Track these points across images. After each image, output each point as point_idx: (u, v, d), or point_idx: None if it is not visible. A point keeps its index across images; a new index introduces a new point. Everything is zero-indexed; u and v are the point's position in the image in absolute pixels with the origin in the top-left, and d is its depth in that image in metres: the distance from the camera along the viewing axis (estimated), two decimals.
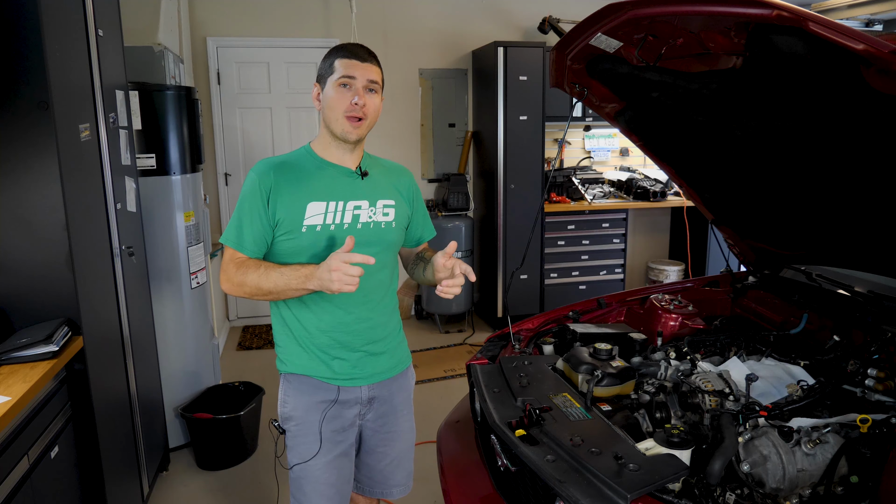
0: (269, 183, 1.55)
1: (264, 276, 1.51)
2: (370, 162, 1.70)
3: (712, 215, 2.45)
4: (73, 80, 2.07)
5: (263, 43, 4.92)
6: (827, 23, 1.22)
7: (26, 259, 1.91)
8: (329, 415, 1.65)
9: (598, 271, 5.18)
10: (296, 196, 1.56)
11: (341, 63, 1.55)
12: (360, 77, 1.54)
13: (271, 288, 1.51)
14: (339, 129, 1.56)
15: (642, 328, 2.18)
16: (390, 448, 1.80)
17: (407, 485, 1.87)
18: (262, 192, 1.55)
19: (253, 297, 1.55)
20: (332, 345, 1.64)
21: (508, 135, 4.71)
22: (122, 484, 2.29)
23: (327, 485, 1.66)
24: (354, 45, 1.59)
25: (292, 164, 1.61)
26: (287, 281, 1.49)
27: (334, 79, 1.55)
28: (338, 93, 1.54)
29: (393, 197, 1.68)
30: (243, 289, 1.54)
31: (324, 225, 1.57)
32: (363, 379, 1.68)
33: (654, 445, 1.32)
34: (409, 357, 1.83)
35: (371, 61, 1.57)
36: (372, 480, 1.83)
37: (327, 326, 1.63)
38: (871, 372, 1.58)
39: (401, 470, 1.84)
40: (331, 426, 1.66)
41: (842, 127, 1.60)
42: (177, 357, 3.13)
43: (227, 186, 5.06)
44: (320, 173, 1.61)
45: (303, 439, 1.66)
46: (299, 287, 1.48)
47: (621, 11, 1.59)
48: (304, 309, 1.63)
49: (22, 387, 1.62)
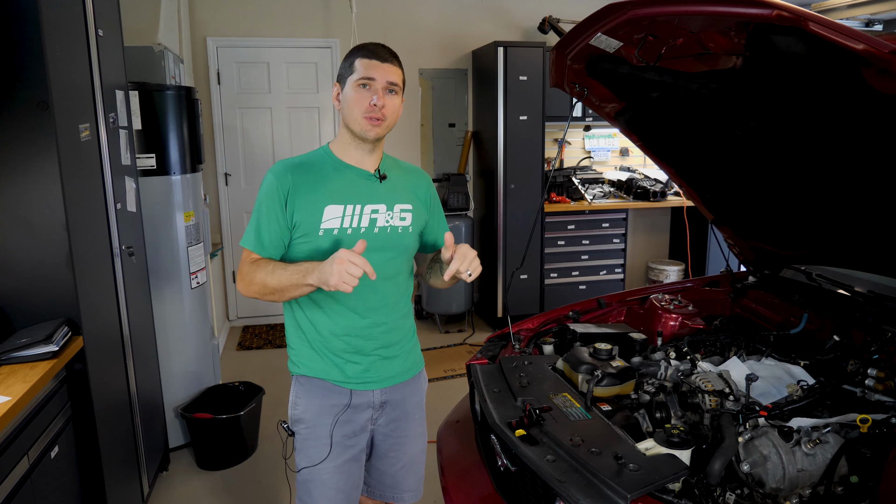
0: (287, 185, 1.53)
1: (270, 273, 1.50)
2: (389, 164, 1.68)
3: (712, 215, 2.45)
4: (73, 80, 2.07)
5: (263, 43, 4.92)
6: (827, 23, 1.21)
7: (26, 259, 1.91)
8: (341, 419, 1.63)
9: (598, 271, 5.18)
10: (313, 198, 1.54)
11: (361, 63, 1.53)
12: (380, 78, 1.52)
13: (275, 285, 1.49)
14: (358, 127, 1.54)
15: (642, 328, 2.18)
16: (402, 453, 1.77)
17: (418, 490, 1.84)
18: (279, 194, 1.53)
19: (262, 296, 1.53)
20: (346, 349, 1.61)
21: (508, 135, 4.71)
22: (122, 484, 2.29)
23: (335, 489, 1.64)
24: (376, 44, 1.56)
25: (310, 166, 1.58)
26: (289, 277, 1.47)
27: (354, 79, 1.53)
28: (357, 93, 1.52)
29: (410, 201, 1.66)
30: (252, 287, 1.53)
31: (341, 228, 1.55)
32: (376, 383, 1.65)
33: (654, 445, 1.32)
34: (422, 361, 1.81)
35: (392, 62, 1.55)
36: (382, 485, 1.80)
37: (341, 330, 1.60)
38: (871, 372, 1.58)
39: (412, 475, 1.81)
40: (342, 430, 1.63)
41: (842, 127, 1.60)
42: (177, 357, 3.13)
43: (227, 186, 5.06)
44: (338, 176, 1.58)
45: (313, 443, 1.63)
46: (299, 282, 1.46)
47: (621, 11, 1.59)
48: (318, 312, 1.60)
49: (22, 387, 1.62)
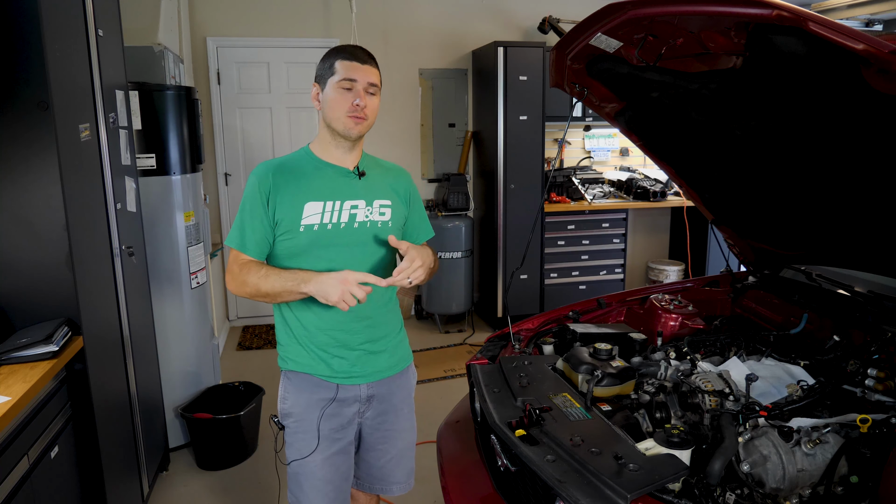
0: (269, 185, 1.59)
1: (264, 278, 1.56)
2: (369, 162, 1.73)
3: (712, 215, 2.45)
4: (73, 80, 2.07)
5: (263, 43, 4.92)
6: (827, 23, 1.22)
7: (26, 259, 1.91)
8: (327, 412, 1.67)
9: (598, 271, 5.18)
10: (294, 196, 1.60)
11: (342, 65, 1.58)
12: (361, 79, 1.58)
13: (269, 290, 1.56)
14: (341, 126, 1.60)
15: (642, 328, 2.18)
16: (389, 446, 1.81)
17: (408, 482, 1.88)
18: (261, 194, 1.59)
19: (254, 298, 1.60)
20: (332, 343, 1.66)
21: (508, 135, 4.71)
22: (122, 484, 2.29)
23: (324, 481, 1.68)
24: (354, 47, 1.63)
25: (291, 166, 1.64)
26: (283, 283, 1.54)
27: (335, 80, 1.58)
28: (340, 94, 1.58)
29: (389, 197, 1.71)
30: (245, 289, 1.59)
31: (321, 224, 1.60)
32: (362, 377, 1.69)
33: (654, 445, 1.32)
34: (411, 356, 1.85)
35: (371, 63, 1.61)
36: (371, 477, 1.84)
37: (327, 325, 1.65)
38: (871, 372, 1.58)
39: (401, 468, 1.85)
40: (329, 424, 1.68)
41: (842, 127, 1.60)
42: (177, 357, 3.13)
43: (227, 186, 5.06)
44: (318, 173, 1.64)
45: (301, 436, 1.68)
46: (294, 290, 1.54)
47: (621, 11, 1.59)
48: (304, 309, 1.65)
49: (22, 387, 1.62)
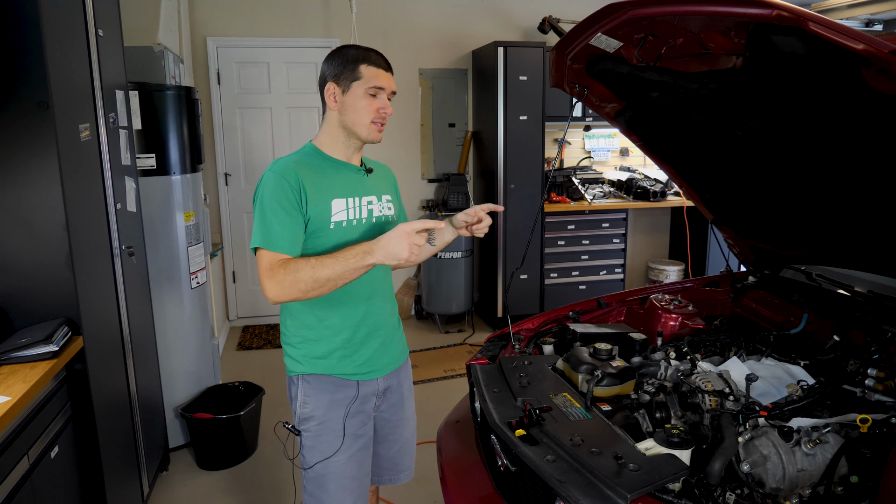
0: (298, 181, 1.56)
1: (319, 266, 1.48)
2: (366, 160, 1.78)
3: (712, 215, 2.45)
4: (73, 80, 2.07)
5: (263, 43, 4.92)
6: (827, 23, 1.21)
7: (26, 259, 1.91)
8: (352, 410, 1.70)
9: (598, 271, 5.18)
10: (321, 194, 1.60)
11: (370, 71, 1.60)
12: (387, 87, 1.63)
13: (329, 275, 1.48)
14: (366, 132, 1.64)
15: (642, 328, 2.18)
16: (398, 435, 1.87)
17: (412, 469, 1.95)
18: (293, 190, 1.55)
19: (307, 293, 1.50)
20: (353, 339, 1.68)
21: (508, 135, 4.71)
22: (122, 484, 2.29)
23: (350, 478, 1.71)
24: (378, 54, 1.65)
25: (309, 164, 1.63)
26: (345, 264, 1.48)
27: (363, 86, 1.60)
28: (368, 101, 1.61)
29: (390, 192, 1.79)
30: (298, 286, 1.49)
31: (348, 220, 1.63)
32: (378, 371, 1.74)
33: (654, 445, 1.32)
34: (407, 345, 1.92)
35: (391, 71, 1.66)
36: (381, 468, 1.88)
37: (346, 322, 1.67)
38: (871, 372, 1.58)
39: (407, 455, 1.92)
40: (353, 421, 1.71)
41: (842, 127, 1.60)
42: (177, 357, 3.13)
43: (227, 186, 5.06)
44: (336, 171, 1.66)
45: (326, 437, 1.68)
46: (358, 266, 1.48)
47: (621, 11, 1.59)
48: (321, 307, 1.65)
49: (22, 387, 1.62)
